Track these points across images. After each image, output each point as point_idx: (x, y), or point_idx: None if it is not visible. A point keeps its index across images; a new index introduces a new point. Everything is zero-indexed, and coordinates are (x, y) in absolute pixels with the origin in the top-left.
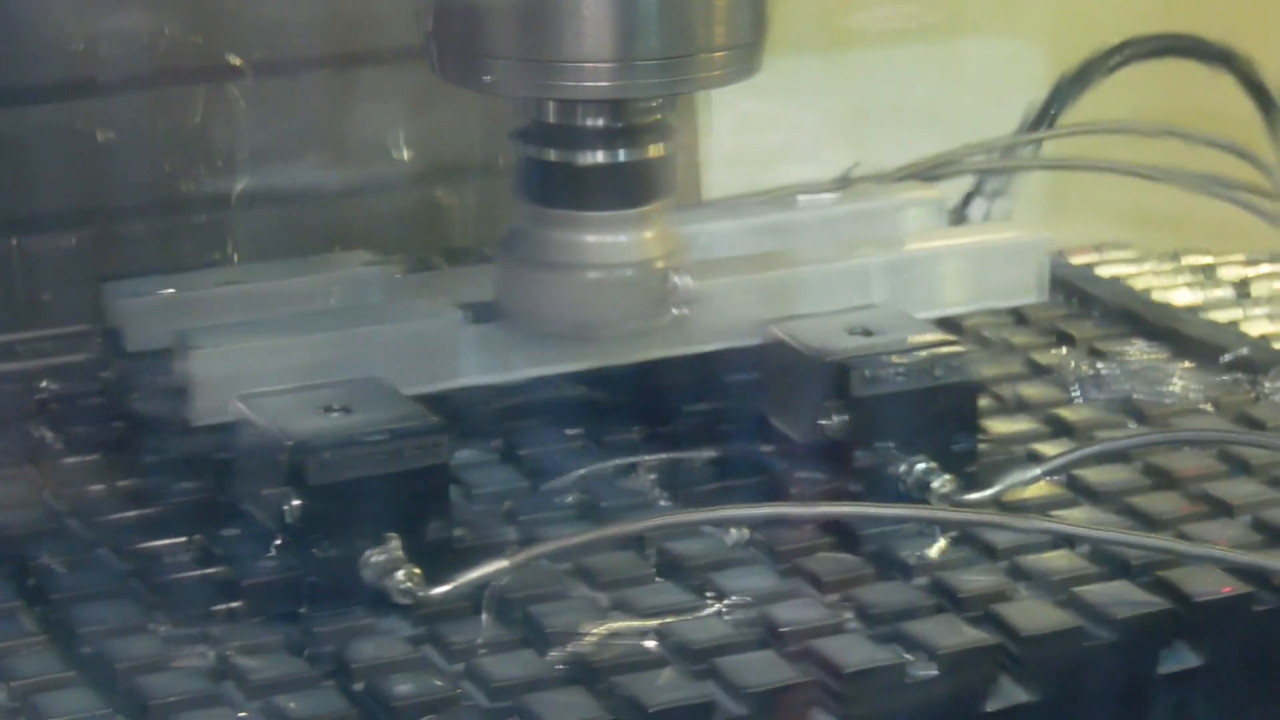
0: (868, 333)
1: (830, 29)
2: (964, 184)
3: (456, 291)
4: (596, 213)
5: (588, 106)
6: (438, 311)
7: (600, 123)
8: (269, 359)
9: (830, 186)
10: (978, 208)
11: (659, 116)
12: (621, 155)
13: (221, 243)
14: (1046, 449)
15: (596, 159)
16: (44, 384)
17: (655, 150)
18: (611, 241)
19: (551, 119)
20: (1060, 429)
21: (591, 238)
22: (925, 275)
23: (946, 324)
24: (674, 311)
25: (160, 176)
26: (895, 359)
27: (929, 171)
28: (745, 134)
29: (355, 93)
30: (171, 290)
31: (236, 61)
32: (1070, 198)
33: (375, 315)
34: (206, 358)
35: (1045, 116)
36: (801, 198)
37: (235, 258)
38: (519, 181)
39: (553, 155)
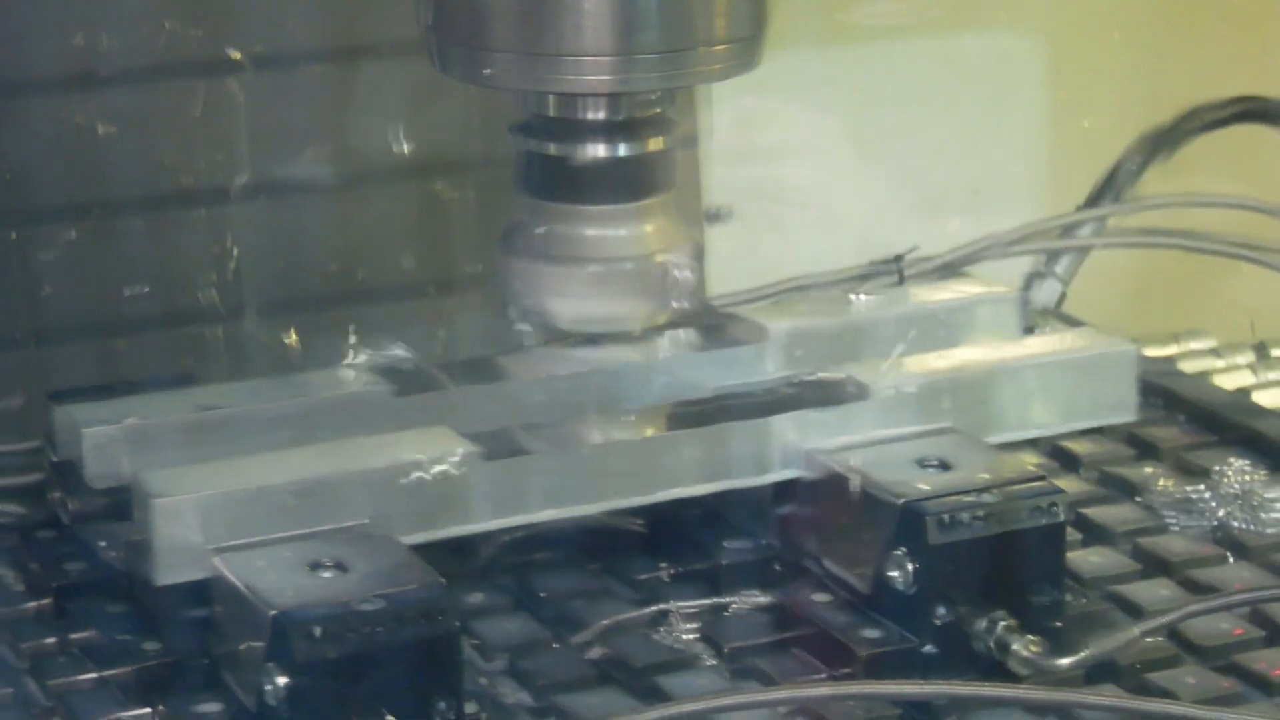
0: (941, 465)
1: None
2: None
3: (462, 417)
4: (596, 207)
5: (587, 100)
6: (443, 446)
7: (600, 116)
8: (246, 507)
9: (883, 276)
10: (1048, 290)
11: (659, 110)
12: (621, 149)
13: (220, 238)
14: (1139, 591)
15: (596, 153)
16: None
17: (655, 144)
18: (611, 235)
19: (551, 113)
20: (1152, 566)
21: (591, 232)
22: (1002, 393)
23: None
24: (674, 305)
25: (158, 169)
26: (976, 500)
27: (981, 253)
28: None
29: (355, 86)
30: (134, 419)
31: (236, 55)
32: (1126, 277)
33: (371, 451)
34: (171, 509)
35: (1111, 188)
36: (855, 297)
37: (235, 251)
38: (518, 175)
39: (552, 149)
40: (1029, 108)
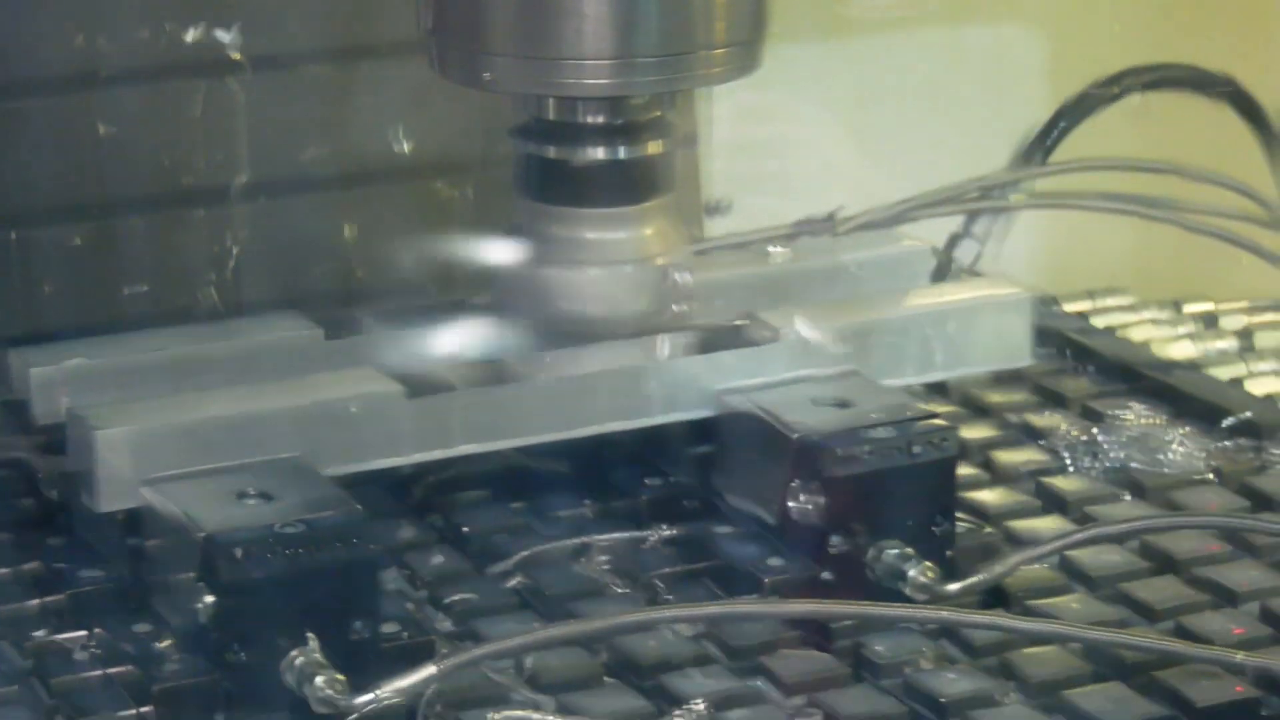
0: (839, 404)
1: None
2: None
3: (388, 359)
4: (596, 210)
5: (587, 103)
6: (369, 384)
7: (600, 120)
8: (178, 439)
9: (797, 234)
10: (967, 249)
11: (658, 113)
12: (621, 152)
13: (220, 238)
14: (1036, 525)
15: (596, 156)
16: None
17: (655, 147)
18: (611, 238)
19: (551, 116)
20: (1051, 503)
21: (591, 234)
22: (900, 338)
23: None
24: (674, 308)
25: (158, 170)
26: (872, 434)
27: (909, 212)
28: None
29: (355, 87)
30: (79, 359)
31: (236, 55)
32: (1061, 238)
33: (298, 389)
34: (109, 440)
35: (1039, 150)
36: (772, 250)
37: (234, 251)
38: (519, 178)
39: (552, 152)
40: (1029, 101)
